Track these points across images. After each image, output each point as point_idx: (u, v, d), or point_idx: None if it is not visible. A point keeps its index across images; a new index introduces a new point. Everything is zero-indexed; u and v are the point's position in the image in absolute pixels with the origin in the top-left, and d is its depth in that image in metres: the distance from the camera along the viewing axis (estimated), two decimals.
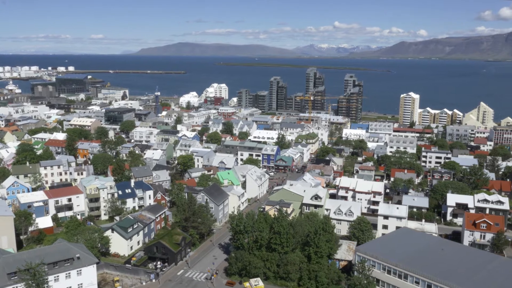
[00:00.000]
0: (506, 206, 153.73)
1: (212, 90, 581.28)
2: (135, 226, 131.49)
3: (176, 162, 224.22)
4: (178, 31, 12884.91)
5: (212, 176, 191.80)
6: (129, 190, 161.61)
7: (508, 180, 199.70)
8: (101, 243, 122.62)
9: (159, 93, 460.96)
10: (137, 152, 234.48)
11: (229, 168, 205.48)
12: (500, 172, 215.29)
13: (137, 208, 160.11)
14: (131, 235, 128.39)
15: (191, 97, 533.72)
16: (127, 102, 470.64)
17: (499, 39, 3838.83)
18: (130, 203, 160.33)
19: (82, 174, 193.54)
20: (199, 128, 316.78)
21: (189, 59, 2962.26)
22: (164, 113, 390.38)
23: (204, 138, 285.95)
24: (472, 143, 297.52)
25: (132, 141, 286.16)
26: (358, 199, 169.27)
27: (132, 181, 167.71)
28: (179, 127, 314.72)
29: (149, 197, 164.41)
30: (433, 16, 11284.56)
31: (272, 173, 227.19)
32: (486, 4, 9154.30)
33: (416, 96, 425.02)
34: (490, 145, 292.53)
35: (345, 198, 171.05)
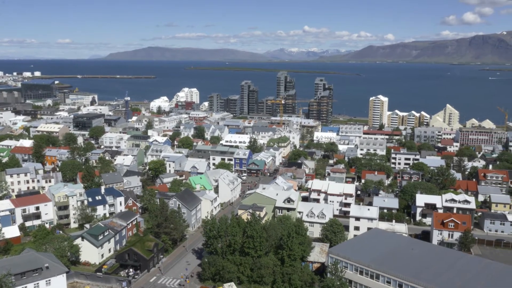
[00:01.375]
0: (472, 205, 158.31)
1: (183, 95, 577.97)
2: (106, 234, 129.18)
3: (147, 168, 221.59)
4: (148, 35, 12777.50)
5: (184, 181, 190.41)
6: (99, 197, 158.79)
7: (474, 180, 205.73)
8: (71, 252, 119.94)
9: (129, 98, 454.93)
10: (107, 158, 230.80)
11: (201, 173, 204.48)
12: (466, 172, 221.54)
13: (108, 215, 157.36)
14: (102, 242, 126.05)
15: (161, 102, 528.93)
16: (96, 107, 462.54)
17: (463, 43, 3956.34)
18: (101, 210, 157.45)
19: (50, 181, 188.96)
20: (171, 133, 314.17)
21: (159, 64, 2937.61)
22: (134, 118, 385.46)
23: (175, 143, 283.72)
24: (439, 144, 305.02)
25: (102, 147, 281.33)
26: (330, 201, 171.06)
27: (103, 187, 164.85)
28: (150, 132, 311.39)
29: (120, 204, 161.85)
30: (399, 20, 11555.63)
31: (244, 177, 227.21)
32: (450, 9, 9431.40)
33: (384, 99, 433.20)
34: (456, 146, 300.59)
35: (317, 200, 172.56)
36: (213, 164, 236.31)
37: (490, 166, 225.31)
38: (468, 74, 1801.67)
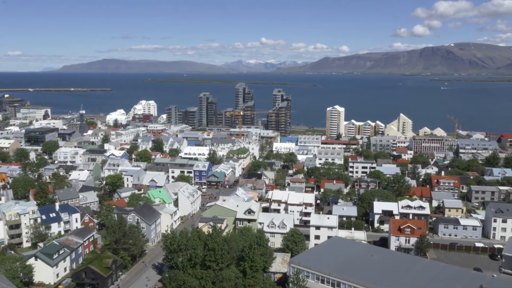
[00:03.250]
0: (427, 211, 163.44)
1: (140, 107, 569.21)
2: (61, 252, 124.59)
3: (104, 183, 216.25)
4: (103, 47, 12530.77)
5: (142, 195, 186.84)
6: (54, 214, 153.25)
7: (427, 186, 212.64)
8: (24, 273, 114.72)
9: (84, 112, 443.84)
10: (61, 173, 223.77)
11: (160, 186, 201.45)
12: (420, 179, 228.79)
13: (63, 232, 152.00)
14: (56, 261, 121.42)
15: (118, 115, 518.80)
16: (49, 121, 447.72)
17: (414, 55, 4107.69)
18: (55, 228, 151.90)
19: (0, 199, 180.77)
20: (128, 147, 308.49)
21: (115, 76, 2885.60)
22: (90, 132, 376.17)
23: (133, 156, 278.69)
24: (394, 153, 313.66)
25: (56, 162, 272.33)
26: (291, 211, 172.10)
27: (57, 204, 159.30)
28: (106, 146, 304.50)
29: (76, 220, 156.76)
30: (353, 33, 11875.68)
31: (204, 190, 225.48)
32: (401, 22, 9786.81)
33: (341, 109, 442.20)
34: (410, 154, 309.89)
35: (277, 211, 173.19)
36: (172, 177, 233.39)
37: (443, 173, 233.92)
38: (419, 84, 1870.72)
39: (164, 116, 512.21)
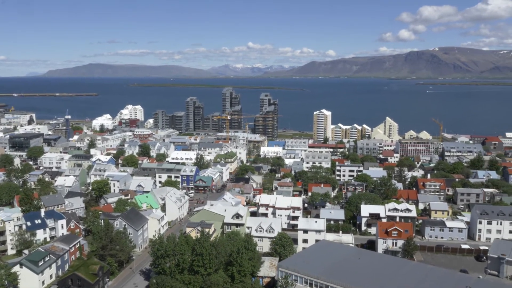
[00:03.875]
0: (413, 214, 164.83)
1: (127, 112, 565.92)
2: (46, 259, 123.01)
3: (90, 188, 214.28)
4: (89, 51, 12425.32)
5: (129, 200, 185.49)
6: (39, 221, 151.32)
7: (414, 189, 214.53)
8: (9, 281, 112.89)
9: (69, 117, 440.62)
10: (46, 179, 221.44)
11: (148, 191, 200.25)
12: (407, 182, 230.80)
13: (48, 239, 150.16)
14: (42, 268, 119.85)
15: (104, 120, 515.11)
16: (34, 127, 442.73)
17: (399, 59, 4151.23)
18: (41, 235, 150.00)
19: None
20: (114, 152, 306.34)
21: (101, 81, 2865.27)
22: (76, 137, 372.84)
23: (120, 161, 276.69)
24: (381, 156, 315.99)
25: (41, 168, 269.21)
26: (278, 215, 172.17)
27: (42, 210, 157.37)
28: (92, 151, 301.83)
29: (62, 227, 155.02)
30: (340, 37, 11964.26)
31: (192, 194, 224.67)
32: (386, 26, 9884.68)
33: (328, 113, 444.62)
34: (396, 157, 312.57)
35: (265, 215, 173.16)
36: (160, 182, 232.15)
37: (428, 175, 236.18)
38: (405, 88, 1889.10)
39: (151, 120, 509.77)
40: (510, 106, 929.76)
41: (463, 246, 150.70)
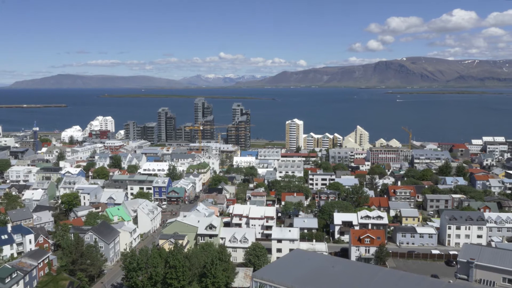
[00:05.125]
0: (385, 220, 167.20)
1: (97, 123, 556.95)
2: (13, 276, 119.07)
3: (59, 202, 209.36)
4: (58, 62, 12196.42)
5: (100, 213, 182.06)
6: (6, 236, 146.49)
7: (385, 196, 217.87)
8: None
9: (37, 128, 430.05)
10: (13, 193, 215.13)
11: (119, 204, 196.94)
12: (378, 189, 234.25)
13: (15, 255, 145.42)
14: (9, 285, 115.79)
15: (74, 131, 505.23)
16: (0, 139, 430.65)
17: (368, 68, 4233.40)
18: (7, 250, 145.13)
19: None
20: (85, 164, 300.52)
21: (70, 92, 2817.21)
22: (44, 149, 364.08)
23: (90, 174, 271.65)
24: (352, 164, 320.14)
25: (8, 181, 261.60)
26: (252, 225, 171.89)
27: (9, 225, 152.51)
28: (62, 163, 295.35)
29: (30, 242, 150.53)
30: (310, 47, 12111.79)
31: (164, 206, 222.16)
32: (356, 37, 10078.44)
33: (300, 122, 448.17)
34: (368, 165, 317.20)
35: (239, 225, 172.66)
36: (131, 194, 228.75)
37: (399, 183, 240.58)
38: (375, 97, 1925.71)
39: (122, 132, 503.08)
40: (475, 114, 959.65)
41: (434, 252, 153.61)
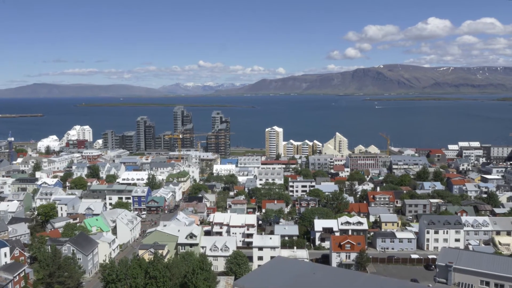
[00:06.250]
0: (365, 226, 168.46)
1: (75, 133, 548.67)
2: None
3: (36, 213, 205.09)
4: (33, 71, 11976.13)
5: (78, 224, 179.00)
6: None
7: (364, 202, 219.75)
8: None
9: (12, 139, 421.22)
10: None
11: (97, 214, 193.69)
12: (358, 195, 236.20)
13: None
14: None
15: (50, 141, 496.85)
16: None
17: (347, 76, 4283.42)
18: None
19: None
20: (62, 174, 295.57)
21: (47, 101, 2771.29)
22: (19, 160, 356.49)
23: (67, 184, 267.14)
24: (332, 171, 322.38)
25: None
26: (233, 233, 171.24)
27: None
28: (38, 174, 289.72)
29: (5, 255, 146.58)
30: (289, 55, 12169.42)
31: (144, 215, 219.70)
32: (334, 45, 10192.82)
33: (279, 130, 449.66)
34: (347, 171, 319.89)
35: (220, 233, 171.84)
36: (110, 204, 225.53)
37: (378, 188, 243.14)
38: (352, 104, 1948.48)
39: (100, 141, 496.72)
40: (450, 120, 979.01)
41: (413, 256, 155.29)
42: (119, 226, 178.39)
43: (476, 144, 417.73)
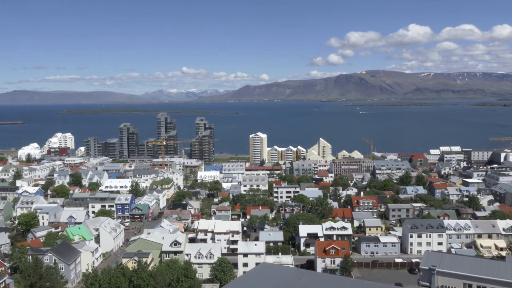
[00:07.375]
0: (349, 231, 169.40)
1: (56, 140, 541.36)
2: None
3: (16, 222, 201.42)
4: (13, 78, 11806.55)
5: (60, 233, 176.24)
6: None
7: (348, 207, 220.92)
8: None
9: None
10: None
11: (80, 223, 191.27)
12: (342, 200, 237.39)
13: None
14: None
15: (31, 149, 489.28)
16: None
17: (329, 82, 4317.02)
18: None
19: None
20: (43, 182, 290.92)
21: (27, 108, 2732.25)
22: None
23: (49, 192, 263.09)
24: (316, 176, 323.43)
25: None
26: (218, 240, 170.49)
27: None
28: (18, 182, 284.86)
29: None
30: (272, 61, 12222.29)
31: (127, 223, 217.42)
32: (316, 51, 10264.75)
33: (263, 136, 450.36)
34: (331, 176, 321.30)
35: (204, 240, 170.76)
36: (93, 212, 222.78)
37: (362, 193, 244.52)
38: (335, 109, 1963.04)
39: (82, 148, 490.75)
40: (432, 125, 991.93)
41: (397, 260, 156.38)
42: (102, 235, 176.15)
43: (457, 148, 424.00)
